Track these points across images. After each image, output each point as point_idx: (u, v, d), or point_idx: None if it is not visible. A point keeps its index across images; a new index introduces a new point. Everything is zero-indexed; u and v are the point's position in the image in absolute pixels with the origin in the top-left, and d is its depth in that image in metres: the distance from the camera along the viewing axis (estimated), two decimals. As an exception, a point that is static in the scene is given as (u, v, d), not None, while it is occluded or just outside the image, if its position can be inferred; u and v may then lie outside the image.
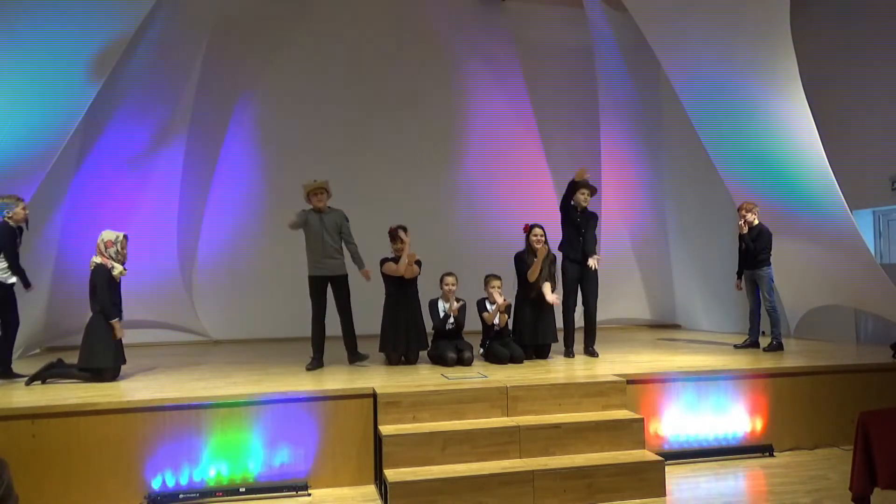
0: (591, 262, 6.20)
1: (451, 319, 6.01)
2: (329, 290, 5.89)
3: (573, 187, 6.26)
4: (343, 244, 5.91)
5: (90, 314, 5.29)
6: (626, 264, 9.42)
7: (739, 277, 6.94)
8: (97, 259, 5.24)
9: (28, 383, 5.07)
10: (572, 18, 9.52)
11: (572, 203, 6.28)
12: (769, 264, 6.66)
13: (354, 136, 8.99)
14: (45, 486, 4.14)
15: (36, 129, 6.08)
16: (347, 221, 5.95)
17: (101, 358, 5.16)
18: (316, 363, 5.73)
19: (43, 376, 5.12)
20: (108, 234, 5.31)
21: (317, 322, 5.84)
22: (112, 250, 5.26)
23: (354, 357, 5.86)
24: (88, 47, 6.12)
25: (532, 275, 6.05)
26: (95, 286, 5.21)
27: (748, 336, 6.90)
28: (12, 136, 5.85)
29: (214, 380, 5.23)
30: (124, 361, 5.38)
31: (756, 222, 6.72)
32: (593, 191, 6.38)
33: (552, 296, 6.06)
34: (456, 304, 5.99)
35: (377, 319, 6.08)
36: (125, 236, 5.38)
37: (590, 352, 6.31)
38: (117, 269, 5.25)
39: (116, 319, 5.19)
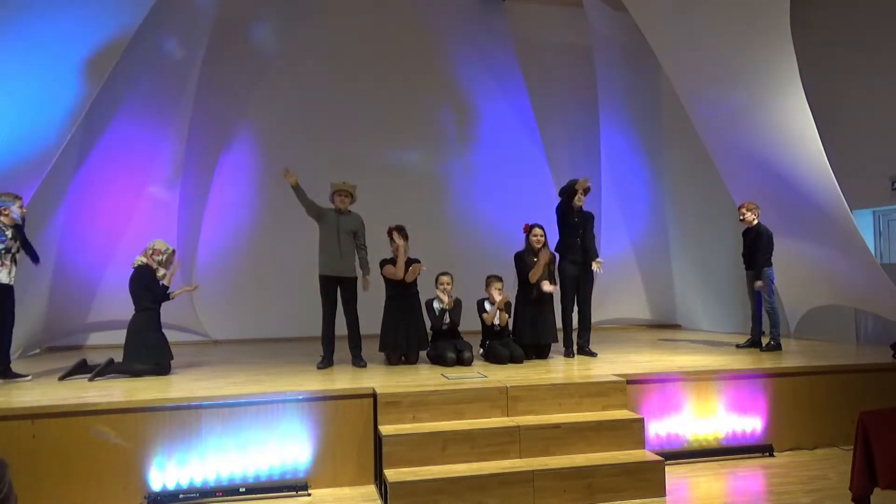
0: (595, 267, 6.17)
1: (447, 318, 6.01)
2: (338, 290, 5.91)
3: (571, 192, 6.27)
4: (356, 249, 5.94)
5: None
6: (626, 264, 9.42)
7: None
8: (143, 259, 5.64)
9: (91, 379, 5.22)
10: (572, 18, 9.52)
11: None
12: (770, 265, 6.66)
13: (354, 136, 8.98)
14: (44, 486, 4.14)
15: (36, 129, 6.08)
16: (364, 228, 5.99)
17: (145, 355, 5.43)
18: (326, 362, 5.77)
19: (104, 373, 5.31)
20: (159, 244, 5.74)
21: (326, 321, 5.86)
22: (157, 258, 5.66)
23: (358, 360, 5.87)
24: (89, 46, 6.11)
25: (534, 277, 6.07)
26: (141, 284, 5.56)
27: (750, 336, 6.90)
28: (12, 136, 5.85)
29: (214, 380, 5.23)
30: (171, 356, 5.64)
31: (755, 222, 6.72)
32: (587, 190, 6.39)
33: (550, 286, 6.07)
34: (448, 299, 5.99)
35: (378, 319, 6.08)
36: (174, 251, 5.79)
37: (587, 351, 6.31)
38: (161, 272, 5.68)
39: (169, 298, 5.68)
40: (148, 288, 5.58)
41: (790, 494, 4.30)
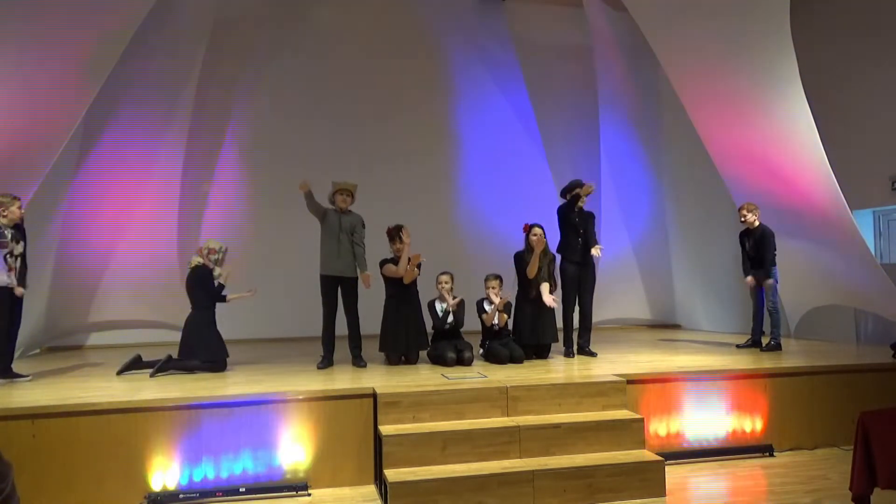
0: (595, 251, 6.14)
1: (451, 318, 6.02)
2: (338, 290, 5.91)
3: (574, 197, 6.27)
4: (352, 246, 5.92)
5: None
6: (626, 264, 9.42)
7: (747, 274, 6.89)
8: (199, 259, 5.78)
9: (152, 375, 5.36)
10: (572, 18, 9.52)
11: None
12: (774, 265, 6.65)
13: (353, 136, 8.99)
14: (45, 486, 4.14)
15: (36, 129, 6.08)
16: (363, 227, 5.99)
17: (203, 352, 5.59)
18: (326, 362, 5.77)
19: (163, 369, 5.46)
20: (213, 244, 5.88)
21: (327, 321, 5.87)
22: (213, 257, 5.79)
23: (358, 360, 5.87)
24: (89, 47, 6.11)
25: (531, 271, 6.05)
26: (198, 283, 5.72)
27: (750, 335, 6.90)
28: (12, 136, 5.85)
29: (214, 380, 5.23)
30: (227, 354, 5.77)
31: (757, 224, 6.72)
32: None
33: (549, 297, 6.05)
34: (453, 301, 5.99)
35: (378, 319, 6.09)
36: (227, 250, 5.92)
37: (587, 351, 6.31)
38: (217, 271, 5.79)
39: (225, 300, 5.82)
40: (204, 288, 5.72)
41: (790, 494, 4.29)
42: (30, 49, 5.60)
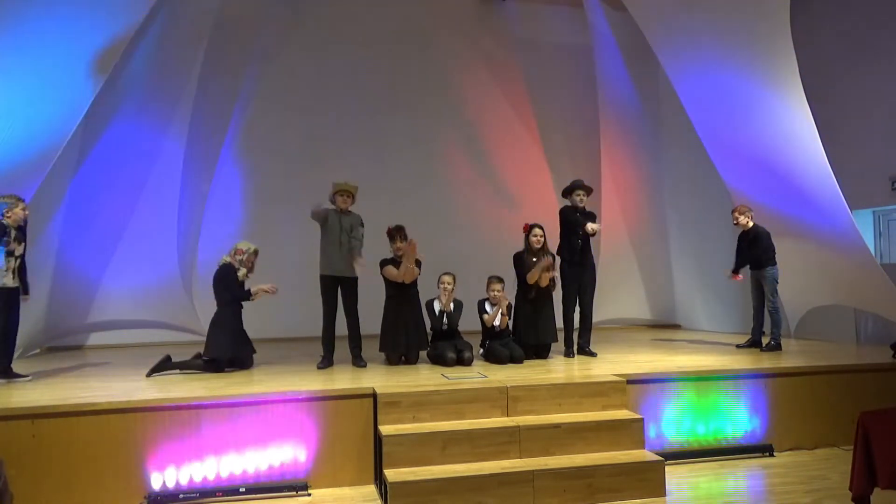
0: (591, 227, 6.10)
1: (445, 319, 6.01)
2: (338, 290, 5.91)
3: (569, 198, 6.31)
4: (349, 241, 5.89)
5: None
6: (625, 264, 9.42)
7: (735, 272, 6.88)
8: (227, 258, 5.90)
9: (148, 375, 5.37)
10: (572, 18, 9.52)
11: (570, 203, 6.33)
12: (774, 264, 6.65)
13: (354, 137, 8.99)
14: (44, 486, 4.14)
15: (36, 129, 6.08)
16: (362, 227, 5.98)
17: (222, 349, 5.65)
18: (326, 362, 5.78)
19: (163, 368, 5.48)
20: (242, 245, 5.96)
21: (327, 321, 5.87)
22: (239, 258, 5.87)
23: (358, 360, 5.87)
24: (89, 47, 6.12)
25: (531, 279, 6.07)
26: (220, 281, 5.81)
27: (750, 335, 6.90)
28: (12, 136, 5.85)
29: (214, 380, 5.23)
30: (254, 350, 5.96)
31: (750, 225, 6.72)
32: (589, 191, 6.41)
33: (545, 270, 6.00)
34: (446, 301, 5.99)
35: (378, 319, 6.08)
36: (256, 250, 5.96)
37: (587, 351, 6.31)
38: (242, 271, 5.87)
39: (249, 298, 5.85)
40: (227, 287, 5.79)
41: (790, 494, 4.29)
42: (31, 48, 5.60)
